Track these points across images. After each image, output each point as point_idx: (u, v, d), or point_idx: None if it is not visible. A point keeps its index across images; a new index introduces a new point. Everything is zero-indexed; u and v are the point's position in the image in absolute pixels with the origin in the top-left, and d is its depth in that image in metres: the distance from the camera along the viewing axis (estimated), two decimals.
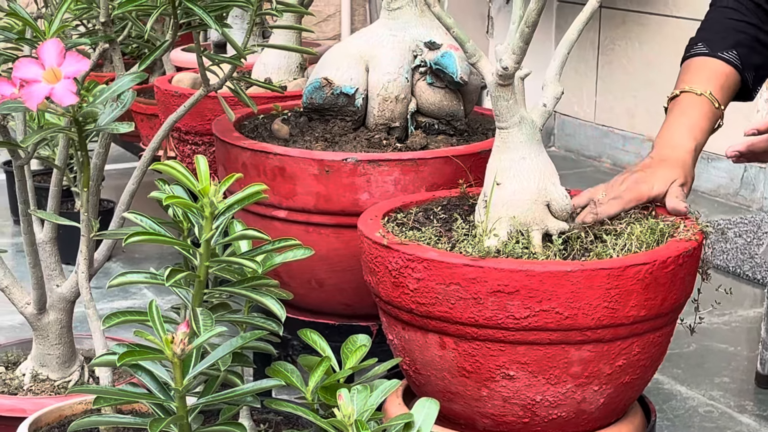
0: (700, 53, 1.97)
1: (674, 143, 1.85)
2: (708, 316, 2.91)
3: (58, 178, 1.96)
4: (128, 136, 3.69)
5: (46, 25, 1.75)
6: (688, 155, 1.83)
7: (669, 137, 1.86)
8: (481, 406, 1.64)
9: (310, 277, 2.02)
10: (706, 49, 1.96)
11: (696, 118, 1.87)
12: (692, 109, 1.88)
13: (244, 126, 2.19)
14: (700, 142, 1.87)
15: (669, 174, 1.78)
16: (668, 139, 1.86)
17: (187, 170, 1.50)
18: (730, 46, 1.95)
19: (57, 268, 1.99)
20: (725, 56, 1.95)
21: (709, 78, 1.92)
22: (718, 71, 1.93)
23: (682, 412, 2.43)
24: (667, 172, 1.79)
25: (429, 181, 1.95)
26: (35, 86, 1.53)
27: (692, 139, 1.85)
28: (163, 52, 1.84)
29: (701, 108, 1.88)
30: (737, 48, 1.95)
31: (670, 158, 1.82)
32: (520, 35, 1.62)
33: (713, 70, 1.93)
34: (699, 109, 1.88)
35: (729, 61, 1.95)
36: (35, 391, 1.99)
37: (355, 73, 2.06)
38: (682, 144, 1.84)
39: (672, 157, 1.82)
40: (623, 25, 4.33)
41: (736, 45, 1.96)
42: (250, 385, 1.45)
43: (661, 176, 1.78)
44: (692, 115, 1.88)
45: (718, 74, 1.93)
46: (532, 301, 1.55)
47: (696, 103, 1.89)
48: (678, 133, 1.86)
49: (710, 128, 1.90)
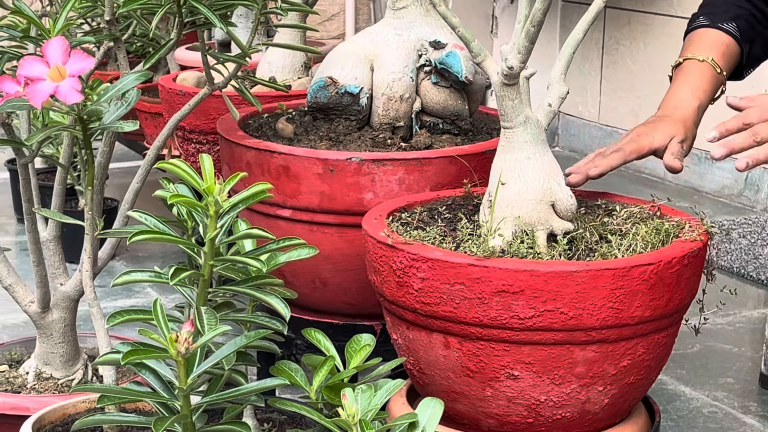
0: (701, 25, 2.06)
1: (677, 102, 1.94)
2: (712, 317, 2.91)
3: (62, 177, 1.96)
4: (132, 135, 3.70)
5: (50, 23, 1.75)
6: (691, 113, 1.92)
7: (673, 97, 1.96)
8: (485, 406, 1.64)
9: (314, 277, 2.02)
10: (708, 21, 2.06)
11: (699, 81, 1.97)
12: (695, 73, 1.98)
13: (249, 125, 2.19)
14: (703, 102, 1.96)
15: (670, 129, 1.87)
16: (672, 99, 1.96)
17: (192, 169, 1.50)
18: (730, 18, 2.05)
19: (61, 267, 1.99)
20: (725, 27, 2.04)
21: (710, 46, 2.02)
22: (718, 40, 2.03)
23: (686, 413, 2.42)
24: (669, 127, 1.87)
25: (433, 181, 1.94)
26: (40, 84, 1.53)
27: (695, 99, 1.95)
28: (168, 51, 1.84)
29: (703, 72, 1.98)
30: (736, 20, 2.05)
31: (673, 115, 1.90)
32: (526, 35, 1.61)
33: (714, 40, 2.03)
34: (701, 74, 1.98)
35: (728, 31, 2.04)
36: (39, 389, 1.99)
37: (360, 72, 2.06)
38: (686, 102, 1.94)
39: (675, 114, 1.91)
40: (628, 26, 4.33)
41: (736, 18, 2.05)
42: (254, 384, 1.45)
43: (662, 130, 1.87)
44: (695, 79, 1.98)
45: (719, 43, 2.02)
46: (536, 301, 1.55)
47: (698, 68, 1.99)
48: (681, 94, 1.96)
49: (712, 90, 1.99)
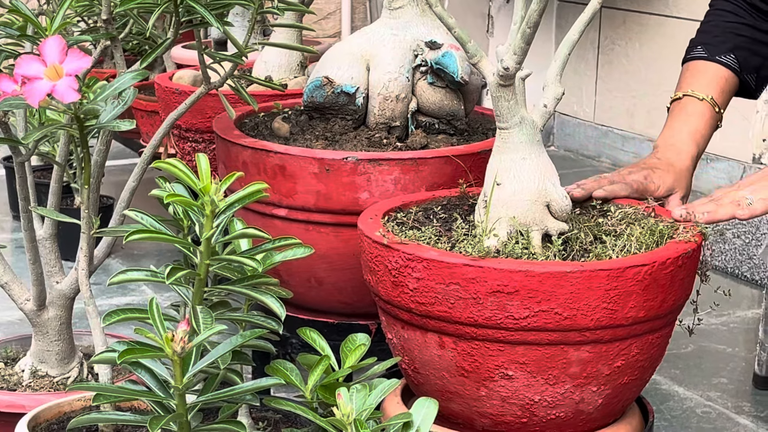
0: (699, 57, 2.04)
1: (679, 148, 1.94)
2: (706, 317, 2.91)
3: (58, 175, 1.96)
4: (128, 133, 3.70)
5: (47, 21, 1.76)
6: (690, 164, 1.94)
7: (673, 141, 1.96)
8: (479, 406, 1.64)
9: (309, 276, 2.03)
10: (705, 53, 2.04)
11: (698, 124, 1.97)
12: (695, 115, 1.98)
13: (245, 124, 2.19)
14: (701, 149, 1.98)
15: (673, 183, 1.89)
16: (673, 143, 1.95)
17: (188, 168, 1.50)
18: (728, 50, 2.03)
19: (57, 265, 2.00)
20: (723, 60, 2.02)
21: (709, 82, 2.00)
22: (717, 75, 2.01)
23: (680, 413, 2.43)
24: (672, 181, 1.89)
25: (429, 181, 1.95)
26: (37, 83, 1.54)
27: (695, 146, 1.96)
28: (165, 50, 1.85)
29: (703, 114, 1.98)
30: (735, 51, 2.03)
31: (675, 166, 1.91)
32: (522, 36, 1.62)
33: (713, 75, 2.02)
34: (701, 116, 1.98)
35: (727, 65, 2.02)
36: (34, 387, 1.99)
37: (356, 72, 2.07)
38: (686, 150, 1.94)
39: (677, 166, 1.92)
40: (623, 25, 4.34)
41: (734, 48, 2.03)
42: (249, 384, 1.46)
43: (666, 182, 1.89)
44: (695, 122, 1.97)
45: (717, 78, 2.01)
46: (531, 301, 1.56)
47: (698, 109, 1.98)
48: (681, 139, 1.96)
49: (710, 134, 2.00)
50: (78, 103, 1.63)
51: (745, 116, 3.80)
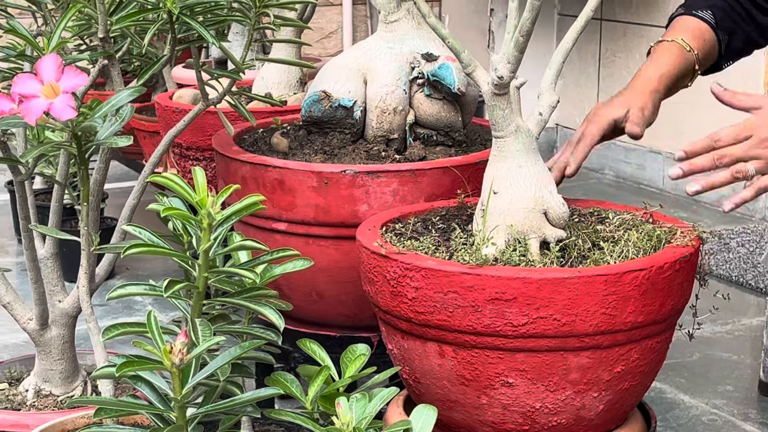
0: (676, 15, 2.07)
1: (640, 75, 1.94)
2: (711, 325, 2.91)
3: (58, 194, 1.97)
4: (132, 154, 3.71)
5: (44, 41, 1.77)
6: (653, 82, 1.92)
7: (637, 74, 1.96)
8: (481, 414, 1.65)
9: (310, 289, 2.03)
10: (683, 10, 2.06)
11: (665, 58, 1.96)
12: (661, 52, 1.98)
13: (244, 140, 2.20)
14: (668, 71, 1.95)
15: (628, 99, 1.88)
16: (636, 76, 1.96)
17: (184, 182, 1.51)
18: (705, 6, 2.05)
19: (59, 284, 2.00)
20: (699, 14, 2.04)
21: (681, 30, 2.01)
22: (691, 25, 2.02)
23: (686, 421, 2.43)
24: (627, 98, 1.89)
25: (427, 192, 1.96)
26: (34, 101, 1.55)
27: (658, 69, 1.94)
28: (162, 67, 1.86)
29: (671, 49, 1.97)
30: (712, 9, 2.04)
31: (632, 87, 1.92)
32: (515, 44, 1.63)
33: (686, 24, 2.03)
34: (669, 51, 1.97)
35: (702, 18, 2.03)
36: (38, 406, 2.00)
37: (353, 85, 2.08)
38: (648, 74, 1.94)
39: (634, 86, 1.92)
40: (624, 38, 4.35)
41: (711, 6, 2.05)
42: (248, 395, 1.46)
43: (620, 101, 1.89)
44: (660, 56, 1.97)
45: (690, 27, 2.02)
46: (529, 308, 1.56)
47: (666, 47, 1.98)
48: (644, 71, 1.95)
49: (680, 65, 1.97)
50: (75, 121, 1.64)
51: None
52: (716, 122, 1.93)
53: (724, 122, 2.01)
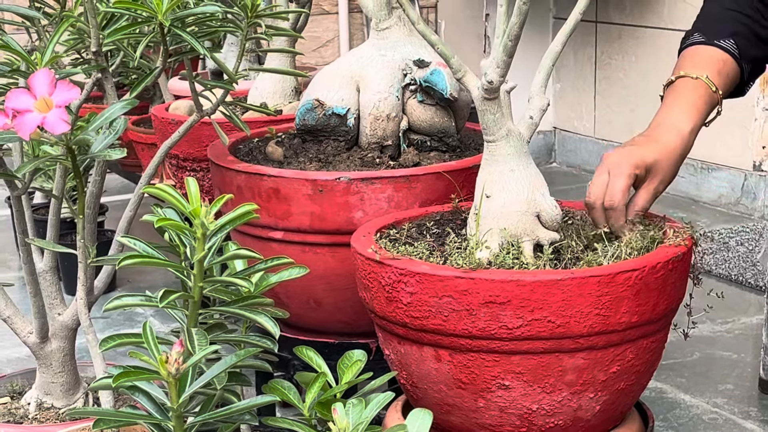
0: (696, 42, 1.93)
1: (670, 123, 1.81)
2: (711, 324, 2.92)
3: (56, 208, 1.98)
4: (130, 167, 3.72)
5: (38, 56, 1.78)
6: (681, 139, 1.79)
7: (664, 117, 1.82)
8: (478, 417, 1.65)
9: (308, 297, 2.04)
10: (703, 38, 1.92)
11: (693, 99, 1.83)
12: (688, 91, 1.84)
13: (239, 150, 2.21)
14: (697, 123, 1.83)
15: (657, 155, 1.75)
16: (665, 120, 1.82)
17: (178, 193, 1.52)
18: (727, 35, 1.91)
19: (58, 297, 2.01)
20: (722, 44, 1.90)
21: (706, 63, 1.88)
22: (715, 57, 1.89)
23: (686, 421, 2.43)
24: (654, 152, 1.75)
25: (422, 197, 1.97)
26: (27, 116, 1.56)
27: (689, 121, 1.81)
28: (155, 79, 1.87)
29: (697, 90, 1.84)
30: (734, 37, 1.91)
31: (662, 140, 1.78)
32: (504, 49, 1.64)
33: (710, 57, 1.89)
34: (695, 92, 1.84)
35: (726, 49, 1.90)
36: (40, 419, 2.00)
37: (346, 93, 2.09)
38: (679, 126, 1.80)
39: (663, 139, 1.78)
40: (619, 40, 4.36)
41: (734, 34, 1.91)
42: (245, 402, 1.47)
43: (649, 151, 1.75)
44: (689, 97, 1.84)
45: (715, 60, 1.88)
46: (523, 310, 1.57)
47: (692, 86, 1.85)
48: (675, 115, 1.82)
49: (707, 111, 1.86)
50: (69, 134, 1.66)
51: (744, 125, 3.81)
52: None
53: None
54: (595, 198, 1.72)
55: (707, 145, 3.96)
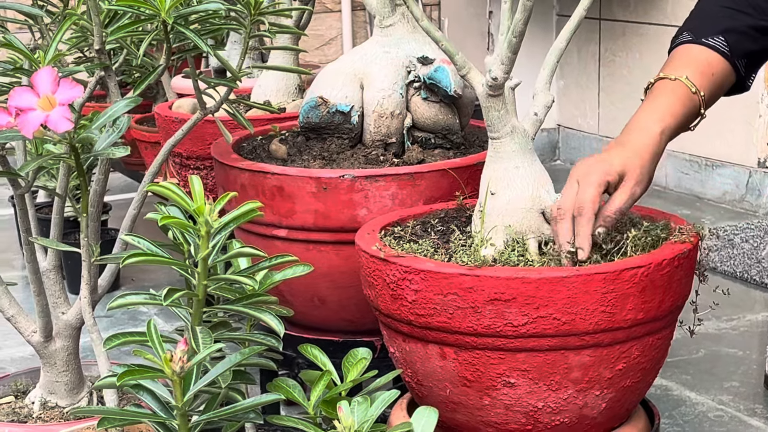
0: (684, 42, 1.85)
1: (640, 126, 1.73)
2: (716, 322, 2.91)
3: (59, 206, 1.97)
4: (134, 165, 3.72)
5: (41, 54, 1.78)
6: (652, 140, 1.71)
7: (636, 121, 1.75)
8: (483, 415, 1.65)
9: (312, 295, 2.04)
10: (691, 37, 1.84)
11: (668, 101, 1.75)
12: (665, 93, 1.76)
13: (243, 148, 2.21)
14: (669, 125, 1.74)
15: (628, 162, 1.67)
16: (634, 123, 1.75)
17: (182, 191, 1.51)
18: (717, 32, 1.83)
19: (62, 296, 2.01)
20: (709, 42, 1.82)
21: (687, 63, 1.80)
22: (699, 57, 1.81)
23: (692, 418, 2.43)
24: (625, 159, 1.68)
25: (426, 195, 1.96)
26: (30, 114, 1.56)
27: (659, 122, 1.73)
28: (158, 77, 1.86)
29: (674, 92, 1.76)
30: (726, 34, 1.82)
31: (633, 144, 1.70)
32: (508, 46, 1.63)
33: (693, 56, 1.81)
34: (673, 93, 1.76)
35: (713, 47, 1.82)
36: (44, 418, 2.00)
37: (350, 90, 2.08)
38: (648, 127, 1.72)
39: (635, 143, 1.71)
40: (623, 37, 4.35)
41: (725, 31, 1.83)
42: (249, 401, 1.47)
43: (618, 161, 1.68)
44: (662, 100, 1.76)
45: (698, 60, 1.80)
46: (529, 308, 1.56)
47: (670, 88, 1.77)
48: (645, 117, 1.74)
49: (685, 112, 1.77)
50: (73, 133, 1.65)
51: (748, 121, 3.80)
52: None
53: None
54: (565, 209, 1.64)
55: (711, 142, 3.95)
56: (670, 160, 4.19)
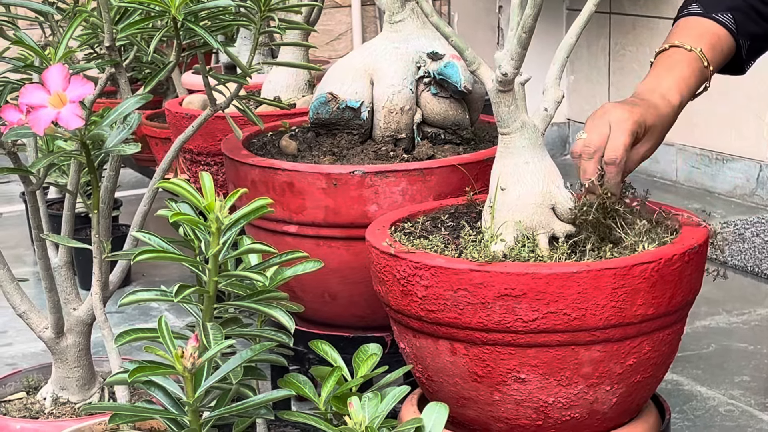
0: (693, 13, 1.89)
1: (663, 92, 1.77)
2: (727, 316, 2.91)
3: (70, 203, 1.98)
4: (145, 161, 3.73)
5: (52, 51, 1.78)
6: (672, 109, 1.77)
7: (656, 85, 1.78)
8: (494, 411, 1.65)
9: (322, 291, 2.04)
10: (701, 9, 1.88)
11: (685, 73, 1.80)
12: (681, 63, 1.80)
13: (253, 144, 2.21)
14: (685, 97, 1.80)
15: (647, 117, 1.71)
16: (657, 87, 1.78)
17: (192, 187, 1.52)
18: (725, 8, 1.87)
19: (73, 292, 2.02)
20: (719, 18, 1.86)
21: (700, 36, 1.83)
22: (710, 31, 1.85)
23: (703, 413, 2.43)
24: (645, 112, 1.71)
25: (436, 191, 1.96)
26: (41, 111, 1.56)
27: (678, 93, 1.78)
28: (168, 74, 1.87)
29: (690, 64, 1.80)
30: (733, 12, 1.87)
31: (658, 105, 1.74)
32: (518, 41, 1.63)
33: (705, 29, 1.85)
34: (688, 65, 1.80)
35: (723, 23, 1.86)
36: (56, 414, 2.01)
37: (360, 86, 2.08)
38: (671, 96, 1.77)
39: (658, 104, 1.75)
40: (633, 31, 4.34)
41: (732, 9, 1.87)
42: (260, 397, 1.47)
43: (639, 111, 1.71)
44: (681, 69, 1.80)
45: (710, 33, 1.84)
46: (539, 303, 1.56)
47: (685, 58, 1.81)
48: (666, 84, 1.78)
49: (696, 85, 1.83)
50: (83, 130, 1.66)
51: (759, 115, 3.79)
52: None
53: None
54: (595, 148, 1.66)
55: (722, 136, 3.94)
56: (680, 154, 4.18)
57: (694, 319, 2.85)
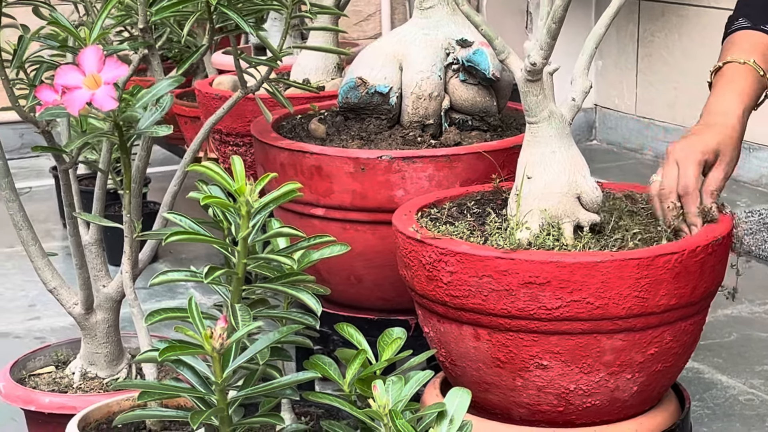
0: (741, 27, 1.95)
1: (723, 109, 1.85)
2: (749, 305, 2.92)
3: (102, 181, 2.01)
4: (173, 139, 3.75)
5: (86, 32, 1.80)
6: (737, 120, 1.84)
7: (717, 104, 1.87)
8: (516, 396, 1.67)
9: (348, 274, 2.06)
10: (748, 23, 1.95)
11: (743, 84, 1.88)
12: (738, 76, 1.88)
13: (282, 126, 2.23)
14: (747, 105, 1.87)
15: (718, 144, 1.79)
16: (717, 106, 1.87)
17: (223, 170, 1.54)
18: None
19: (103, 269, 2.05)
20: (765, 28, 1.93)
21: (752, 47, 1.91)
22: (761, 42, 1.92)
23: (723, 401, 2.44)
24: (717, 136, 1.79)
25: (463, 177, 1.98)
26: (76, 92, 1.58)
27: (740, 103, 1.86)
28: (200, 56, 1.89)
29: (746, 75, 1.88)
30: None
31: (719, 124, 1.82)
32: (548, 31, 1.64)
33: (756, 41, 1.92)
34: (744, 76, 1.88)
35: None
36: (84, 388, 2.04)
37: (389, 71, 2.10)
38: (732, 109, 1.85)
39: (720, 123, 1.82)
40: (662, 17, 4.33)
41: None
42: (286, 378, 1.50)
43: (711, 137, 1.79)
44: (739, 82, 1.88)
45: (759, 45, 1.91)
46: (563, 291, 1.58)
47: (741, 71, 1.89)
48: (726, 100, 1.86)
49: (756, 95, 1.90)
50: (117, 111, 1.68)
51: None
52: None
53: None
54: (669, 190, 1.74)
55: (748, 124, 3.93)
56: None
57: (717, 308, 2.85)
